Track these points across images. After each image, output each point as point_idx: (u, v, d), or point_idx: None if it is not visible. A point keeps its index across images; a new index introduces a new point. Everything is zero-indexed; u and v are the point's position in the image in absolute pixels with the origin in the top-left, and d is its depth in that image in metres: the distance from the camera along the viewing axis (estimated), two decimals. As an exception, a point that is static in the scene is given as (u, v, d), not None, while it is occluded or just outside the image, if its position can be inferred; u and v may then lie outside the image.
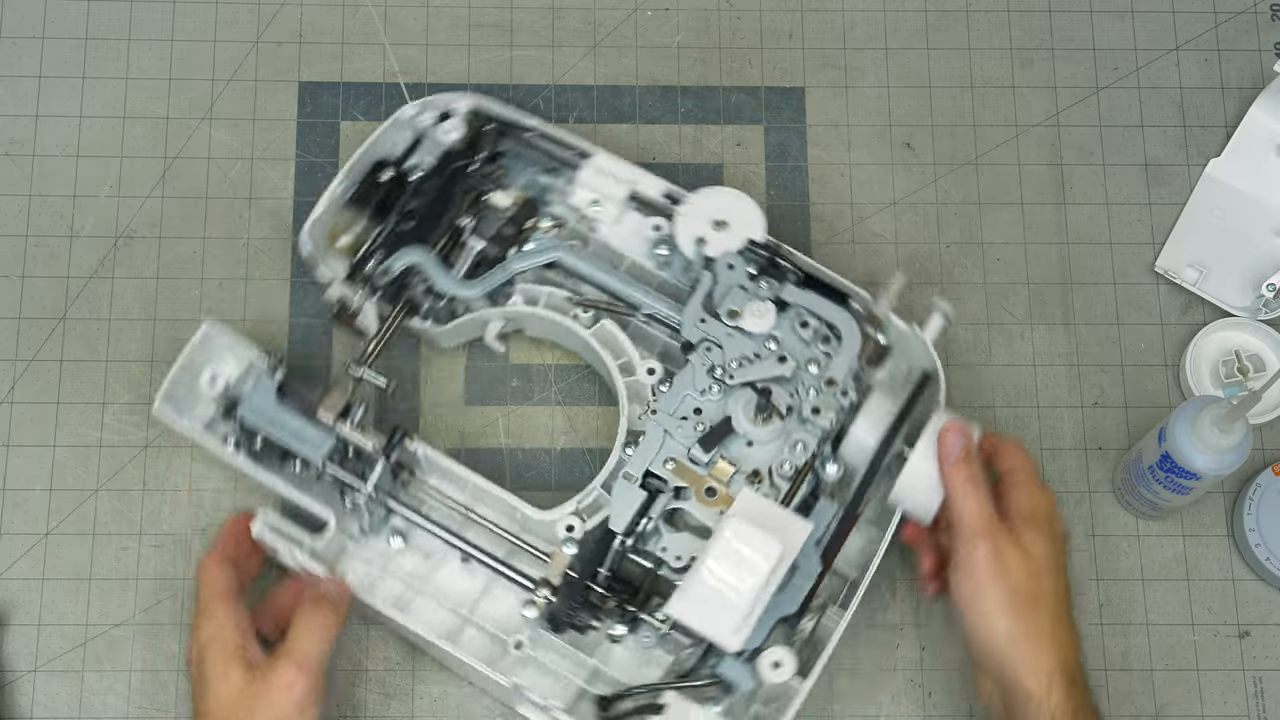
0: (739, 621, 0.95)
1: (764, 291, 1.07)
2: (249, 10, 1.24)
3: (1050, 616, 0.96)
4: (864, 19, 1.26)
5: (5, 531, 1.12)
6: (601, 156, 1.13)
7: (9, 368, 1.15)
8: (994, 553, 0.96)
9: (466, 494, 1.08)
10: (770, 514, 0.99)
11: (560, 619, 1.02)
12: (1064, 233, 1.21)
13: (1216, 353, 1.16)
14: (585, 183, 1.12)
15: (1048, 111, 1.24)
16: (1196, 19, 1.26)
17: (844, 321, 1.07)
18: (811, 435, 1.05)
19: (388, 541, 1.07)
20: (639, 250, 1.13)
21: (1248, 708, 1.10)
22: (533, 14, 1.25)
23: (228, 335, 1.08)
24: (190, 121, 1.22)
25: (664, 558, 1.03)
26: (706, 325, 1.07)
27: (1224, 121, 1.23)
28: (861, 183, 1.21)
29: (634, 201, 1.12)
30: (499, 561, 1.06)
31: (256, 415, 1.05)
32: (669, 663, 1.04)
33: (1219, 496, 1.14)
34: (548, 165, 1.14)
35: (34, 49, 1.23)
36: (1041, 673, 0.95)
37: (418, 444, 1.06)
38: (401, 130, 1.13)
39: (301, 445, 1.04)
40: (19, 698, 1.09)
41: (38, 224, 1.19)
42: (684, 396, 1.06)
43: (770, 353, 1.06)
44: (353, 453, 1.06)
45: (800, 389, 1.06)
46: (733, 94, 1.24)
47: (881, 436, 1.03)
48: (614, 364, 1.09)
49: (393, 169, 1.12)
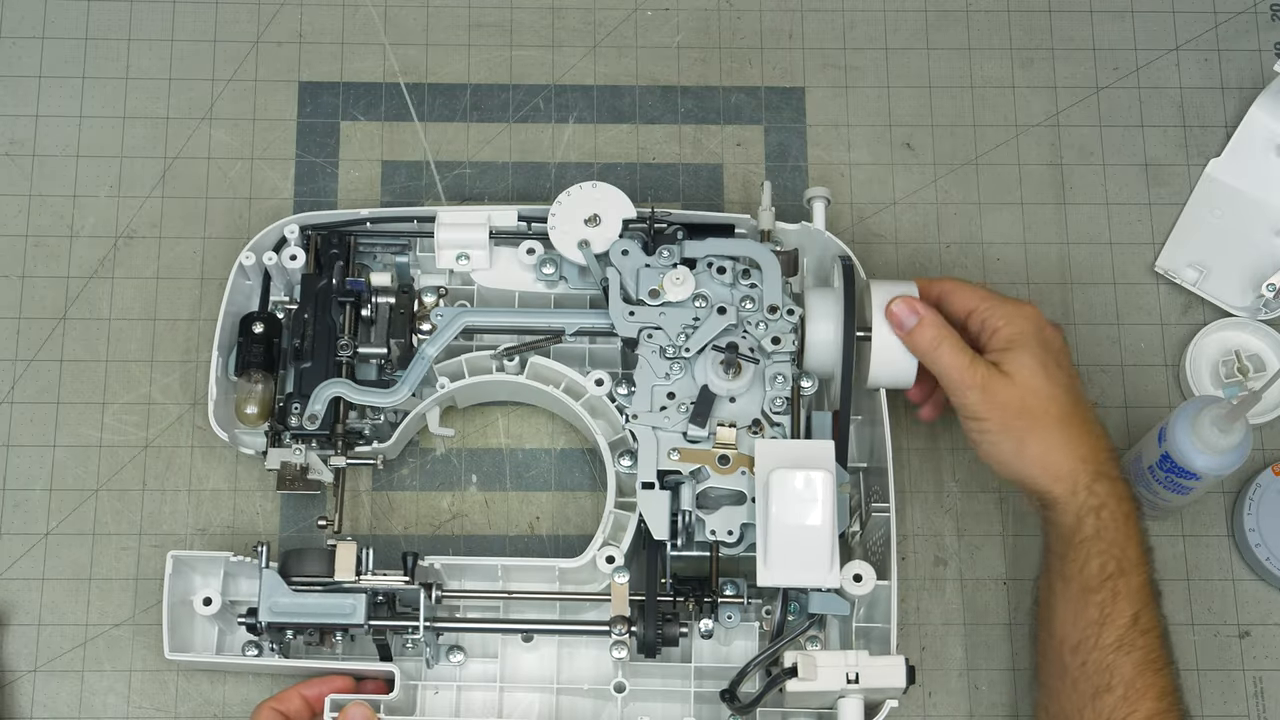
0: (828, 556, 0.98)
1: (668, 259, 1.08)
2: (249, 10, 1.24)
3: (1056, 424, 1.00)
4: (864, 19, 1.26)
5: (5, 531, 1.12)
6: (444, 212, 1.11)
7: (9, 368, 1.15)
8: (983, 393, 1.01)
9: (496, 579, 1.07)
10: (793, 450, 1.02)
11: (651, 643, 1.02)
12: (1064, 233, 1.21)
13: (1216, 353, 1.16)
14: (444, 242, 1.10)
15: (1048, 111, 1.24)
16: (1196, 19, 1.26)
17: (750, 250, 1.08)
18: (783, 364, 1.06)
19: (449, 660, 1.06)
20: (526, 281, 1.12)
21: (1248, 708, 1.10)
22: (533, 14, 1.25)
23: (195, 555, 1.05)
24: (190, 121, 1.22)
25: (716, 538, 1.03)
26: (636, 315, 1.07)
27: (1224, 121, 1.23)
28: (861, 183, 1.21)
29: (495, 239, 1.11)
30: (560, 624, 1.06)
31: (280, 612, 1.01)
32: (757, 628, 1.06)
33: (1219, 496, 1.14)
34: (395, 247, 1.13)
35: (34, 49, 1.23)
36: (1062, 478, 0.99)
37: (428, 559, 1.05)
38: (246, 280, 1.11)
39: (339, 618, 1.01)
40: (19, 698, 1.09)
41: (38, 224, 1.19)
42: (651, 389, 1.06)
43: (707, 310, 1.07)
44: (382, 598, 1.03)
45: (750, 328, 1.07)
46: (733, 94, 1.23)
47: (838, 329, 1.05)
48: (558, 393, 1.08)
49: (260, 320, 1.08)
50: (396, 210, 1.12)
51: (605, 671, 1.06)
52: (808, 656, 0.98)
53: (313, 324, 1.08)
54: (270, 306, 1.11)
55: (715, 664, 1.06)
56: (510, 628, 1.05)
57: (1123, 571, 0.98)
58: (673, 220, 1.10)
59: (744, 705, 1.01)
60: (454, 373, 1.09)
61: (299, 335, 1.08)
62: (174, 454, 1.14)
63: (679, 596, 1.03)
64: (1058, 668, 0.99)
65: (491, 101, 1.23)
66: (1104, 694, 0.96)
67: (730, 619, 1.04)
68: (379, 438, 1.10)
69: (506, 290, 1.12)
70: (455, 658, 1.06)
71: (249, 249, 1.09)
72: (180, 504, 1.13)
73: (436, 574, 1.05)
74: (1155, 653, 0.97)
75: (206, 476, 1.13)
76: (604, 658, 1.06)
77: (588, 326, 1.09)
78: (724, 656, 1.06)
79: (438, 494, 1.14)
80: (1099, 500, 0.99)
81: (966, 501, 1.14)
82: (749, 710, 1.01)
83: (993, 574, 1.13)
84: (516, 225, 1.12)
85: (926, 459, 1.15)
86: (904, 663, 0.98)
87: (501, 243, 1.12)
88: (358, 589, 1.02)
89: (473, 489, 1.14)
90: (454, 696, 1.06)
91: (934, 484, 1.14)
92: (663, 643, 1.02)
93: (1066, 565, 0.99)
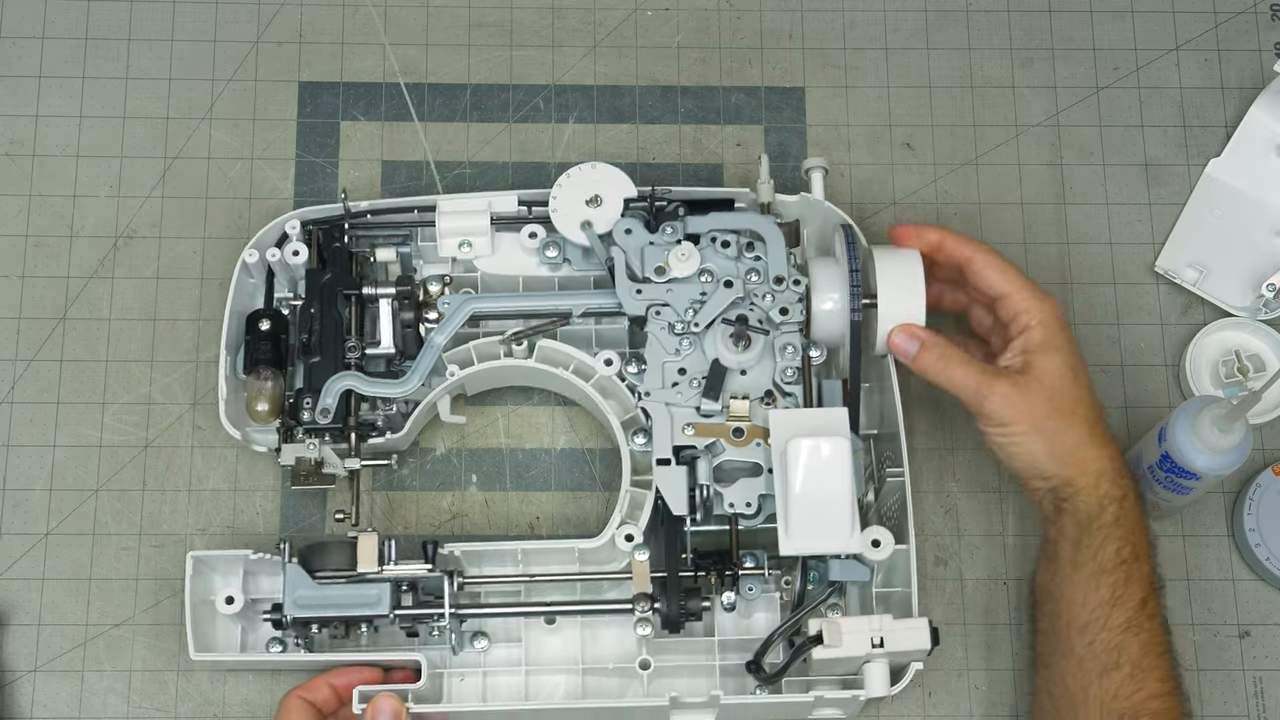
0: (848, 521, 0.99)
1: (671, 236, 1.08)
2: (249, 10, 1.24)
3: (1085, 424, 1.02)
4: (864, 19, 1.26)
5: (5, 531, 1.12)
6: (444, 200, 1.11)
7: (9, 368, 1.15)
8: (1004, 400, 1.01)
9: (516, 563, 1.07)
10: (807, 418, 1.03)
11: (675, 619, 1.02)
12: (1064, 233, 1.21)
13: (1216, 353, 1.16)
14: (445, 230, 1.11)
15: (1048, 111, 1.24)
16: (1196, 19, 1.26)
17: (753, 222, 1.09)
18: (792, 334, 1.06)
19: (473, 646, 1.07)
20: (529, 265, 1.12)
21: (1248, 708, 1.10)
22: (533, 14, 1.25)
23: (214, 554, 1.05)
24: (190, 121, 1.22)
25: (735, 511, 1.03)
26: (643, 293, 1.07)
27: (1224, 121, 1.23)
28: (861, 183, 1.21)
29: (498, 224, 1.12)
30: (582, 604, 1.06)
31: (304, 606, 1.02)
32: (778, 599, 1.06)
33: (1219, 496, 1.14)
34: (396, 238, 1.12)
35: (34, 49, 1.23)
36: (1090, 471, 1.01)
37: (447, 547, 1.05)
38: (249, 278, 1.11)
39: (364, 609, 1.02)
40: (19, 698, 1.09)
41: (38, 224, 1.19)
42: (662, 366, 1.06)
43: (713, 285, 1.07)
44: (406, 587, 1.04)
45: (757, 300, 1.07)
46: (733, 94, 1.24)
47: (843, 297, 1.06)
48: (568, 375, 1.08)
49: (266, 317, 1.08)
50: (397, 201, 1.12)
51: (629, 650, 1.06)
52: (832, 623, 0.99)
53: (319, 318, 1.08)
54: (275, 303, 1.11)
55: (738, 636, 1.06)
56: (533, 610, 1.06)
57: (1136, 557, 1.00)
58: (673, 197, 1.10)
59: (770, 675, 1.01)
60: (463, 360, 1.09)
61: (306, 330, 1.08)
62: (174, 454, 1.14)
63: (700, 571, 1.03)
64: (1064, 647, 1.00)
65: (491, 101, 1.23)
66: (1111, 671, 0.97)
67: (751, 591, 1.04)
68: (391, 429, 1.10)
69: (510, 276, 1.12)
70: (480, 644, 1.07)
71: (251, 246, 1.09)
72: (180, 504, 1.13)
73: (456, 561, 1.05)
74: (1159, 637, 0.99)
75: (206, 476, 1.13)
76: (627, 636, 1.06)
77: (595, 307, 1.09)
78: (746, 629, 1.07)
79: (438, 494, 1.14)
80: (1122, 491, 1.01)
81: (966, 501, 1.14)
82: (775, 680, 1.02)
83: (993, 574, 1.13)
84: (517, 210, 1.12)
85: (927, 459, 1.15)
86: (927, 624, 0.99)
87: (503, 228, 1.12)
88: (381, 579, 1.02)
89: (473, 489, 1.14)
90: (480, 682, 1.06)
91: (934, 484, 1.14)
92: (686, 617, 1.02)
93: (1080, 551, 1.00)
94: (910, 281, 1.05)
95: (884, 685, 1.00)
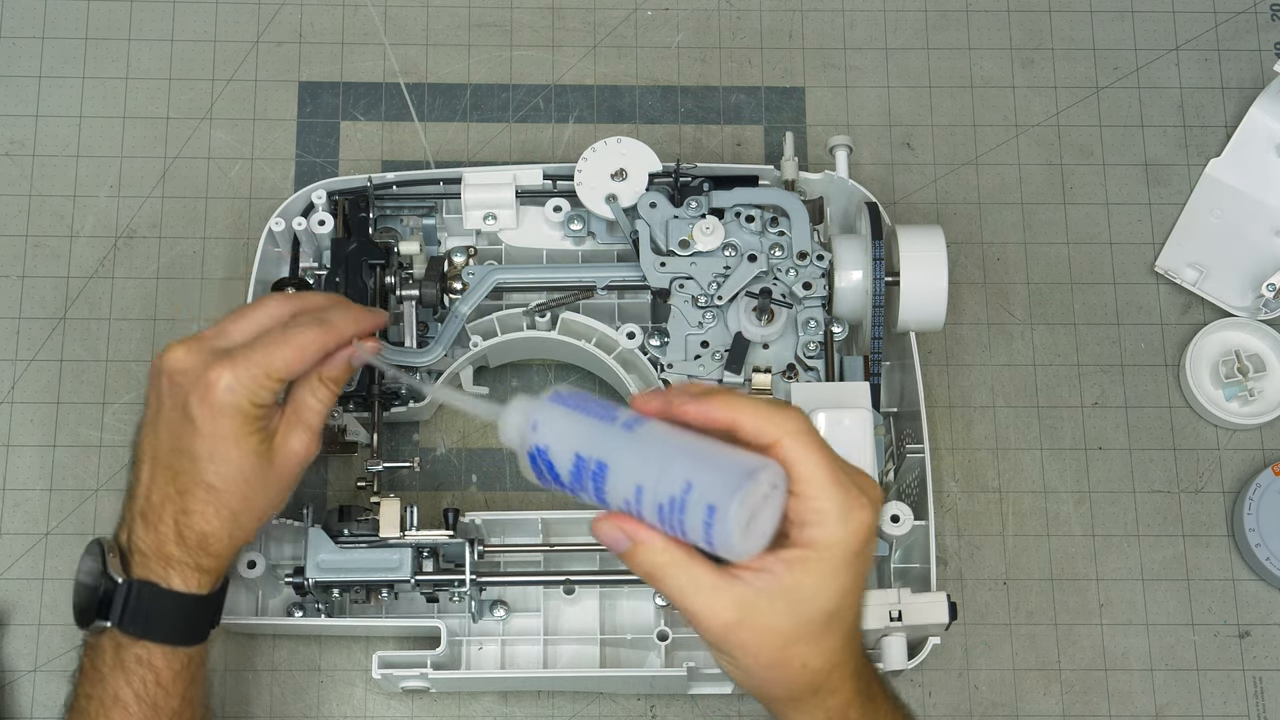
0: None
1: (696, 210, 1.08)
2: (249, 10, 1.24)
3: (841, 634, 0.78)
4: (864, 19, 1.26)
5: (5, 531, 1.12)
6: (469, 172, 1.11)
7: (9, 368, 1.15)
8: (739, 627, 0.76)
9: (535, 533, 1.07)
10: (829, 392, 1.03)
11: None
12: (1064, 233, 1.21)
13: (1216, 353, 1.16)
14: (471, 203, 1.11)
15: (1048, 111, 1.24)
16: (1196, 19, 1.26)
17: (778, 198, 1.09)
18: (814, 309, 1.07)
19: (492, 615, 1.08)
20: (553, 239, 1.12)
21: (1248, 708, 1.10)
22: (533, 14, 1.25)
23: None
24: (190, 121, 1.22)
25: None
26: (667, 266, 1.07)
27: (1224, 121, 1.23)
28: (861, 183, 1.21)
29: (522, 197, 1.12)
30: (601, 574, 1.06)
31: (326, 570, 1.02)
32: None
33: (1219, 496, 1.14)
34: (422, 209, 1.13)
35: (34, 49, 1.23)
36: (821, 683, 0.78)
37: (468, 515, 1.05)
38: (274, 247, 1.11)
39: (386, 574, 1.02)
40: (19, 698, 1.09)
41: (38, 224, 1.19)
42: (685, 338, 1.07)
43: (737, 259, 1.07)
44: (427, 553, 1.04)
45: (780, 275, 1.07)
46: (733, 94, 1.24)
47: (866, 274, 1.06)
48: (590, 347, 1.09)
49: (291, 285, 1.08)
50: (423, 173, 1.13)
51: (647, 620, 1.07)
52: None
53: (344, 288, 1.08)
54: (300, 272, 1.11)
55: None
56: (553, 580, 1.06)
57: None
58: (698, 173, 1.11)
59: None
60: (486, 331, 1.10)
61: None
62: (174, 454, 1.14)
63: None
64: None
65: (491, 101, 1.23)
66: None
67: None
68: (414, 398, 1.10)
69: (534, 249, 1.12)
70: (499, 613, 1.07)
71: (278, 215, 1.10)
72: (180, 504, 1.13)
73: (477, 530, 1.06)
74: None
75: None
76: (646, 607, 1.07)
77: (619, 280, 1.09)
78: None
79: (438, 494, 1.14)
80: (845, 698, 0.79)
81: (966, 501, 1.14)
82: None
83: (993, 574, 1.13)
84: (542, 184, 1.12)
85: (926, 459, 1.15)
86: (945, 598, 0.99)
87: (527, 202, 1.12)
88: (403, 544, 1.03)
89: (473, 489, 1.14)
90: (499, 650, 1.07)
91: (934, 484, 1.14)
92: None
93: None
94: (933, 260, 1.05)
95: (902, 659, 1.01)
